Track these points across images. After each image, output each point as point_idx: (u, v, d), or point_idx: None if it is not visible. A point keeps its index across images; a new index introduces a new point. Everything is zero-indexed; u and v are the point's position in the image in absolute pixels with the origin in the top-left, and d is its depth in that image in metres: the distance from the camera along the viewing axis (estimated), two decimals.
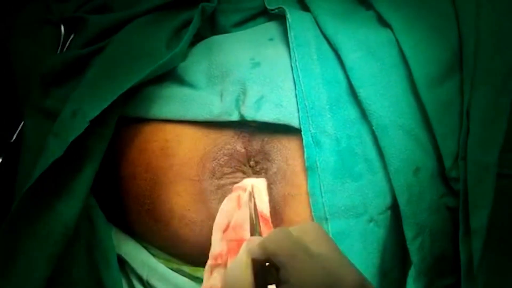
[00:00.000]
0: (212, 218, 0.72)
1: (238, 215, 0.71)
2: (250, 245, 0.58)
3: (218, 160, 0.73)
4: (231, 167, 0.73)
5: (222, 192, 0.73)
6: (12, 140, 0.79)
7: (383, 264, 0.72)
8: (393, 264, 0.73)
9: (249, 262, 0.57)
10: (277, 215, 0.72)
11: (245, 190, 0.71)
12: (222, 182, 0.73)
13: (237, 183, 0.73)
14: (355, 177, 0.71)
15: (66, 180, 0.72)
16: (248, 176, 0.74)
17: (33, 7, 0.84)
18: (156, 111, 0.76)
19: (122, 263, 0.78)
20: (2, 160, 0.79)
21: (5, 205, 0.75)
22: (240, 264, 0.57)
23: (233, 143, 0.74)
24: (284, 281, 0.55)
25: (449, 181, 0.72)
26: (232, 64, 0.76)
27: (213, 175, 0.73)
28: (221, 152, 0.73)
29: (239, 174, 0.73)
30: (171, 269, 0.76)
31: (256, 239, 0.59)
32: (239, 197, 0.71)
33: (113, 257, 0.76)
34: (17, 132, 0.79)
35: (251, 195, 0.70)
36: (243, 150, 0.73)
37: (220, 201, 0.72)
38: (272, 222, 0.71)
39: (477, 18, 0.75)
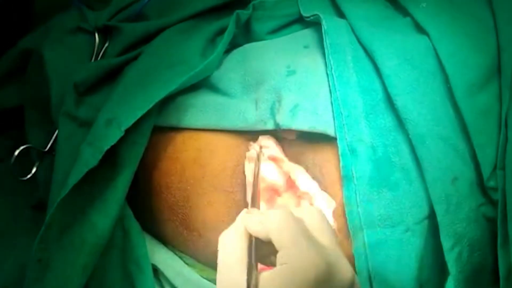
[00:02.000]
0: None
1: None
2: (249, 219, 0.58)
3: None
4: None
5: None
6: (46, 149, 0.79)
7: (420, 275, 0.71)
8: (430, 274, 0.72)
9: (245, 234, 0.57)
10: None
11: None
12: None
13: None
14: (392, 186, 0.70)
15: (100, 189, 0.72)
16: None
17: (68, 16, 0.84)
18: (190, 120, 0.75)
19: (156, 272, 0.78)
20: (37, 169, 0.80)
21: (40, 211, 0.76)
22: (236, 235, 0.57)
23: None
24: (281, 263, 0.54)
25: (487, 191, 0.71)
26: (267, 72, 0.75)
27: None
28: None
29: None
30: (205, 278, 0.76)
31: (256, 214, 0.59)
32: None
33: (147, 267, 0.75)
34: (51, 141, 0.79)
35: (258, 157, 0.70)
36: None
37: None
38: None
39: None
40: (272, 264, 0.58)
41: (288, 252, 0.55)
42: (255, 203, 0.66)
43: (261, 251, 0.58)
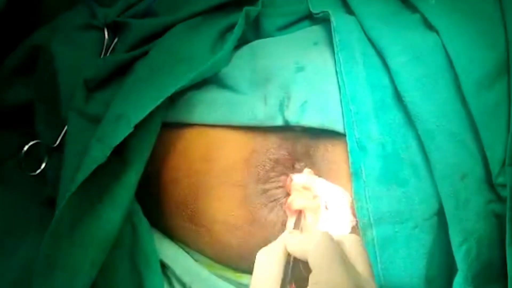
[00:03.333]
0: (256, 223, 0.71)
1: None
2: (290, 238, 0.60)
3: (264, 165, 0.73)
4: (276, 172, 0.73)
5: (267, 196, 0.72)
6: (56, 145, 0.79)
7: (429, 271, 0.71)
8: (439, 271, 0.72)
9: (284, 254, 0.59)
10: None
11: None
12: (267, 186, 0.72)
13: (282, 187, 0.73)
14: (401, 182, 0.70)
15: (109, 185, 0.72)
16: None
17: (77, 12, 0.85)
18: (199, 115, 0.76)
19: (164, 268, 0.78)
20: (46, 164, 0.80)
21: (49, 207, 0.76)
22: (275, 253, 0.59)
23: (278, 148, 0.73)
24: (313, 282, 0.55)
25: (496, 188, 0.71)
26: (276, 68, 0.75)
27: (258, 180, 0.73)
28: (266, 157, 0.73)
29: (284, 178, 0.73)
30: (215, 275, 0.76)
31: (297, 235, 0.61)
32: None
33: (155, 263, 0.75)
34: (60, 136, 0.79)
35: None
36: (287, 155, 0.73)
37: (265, 205, 0.72)
38: None
39: None
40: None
41: (321, 272, 0.55)
42: (298, 226, 0.68)
43: (298, 273, 0.59)
